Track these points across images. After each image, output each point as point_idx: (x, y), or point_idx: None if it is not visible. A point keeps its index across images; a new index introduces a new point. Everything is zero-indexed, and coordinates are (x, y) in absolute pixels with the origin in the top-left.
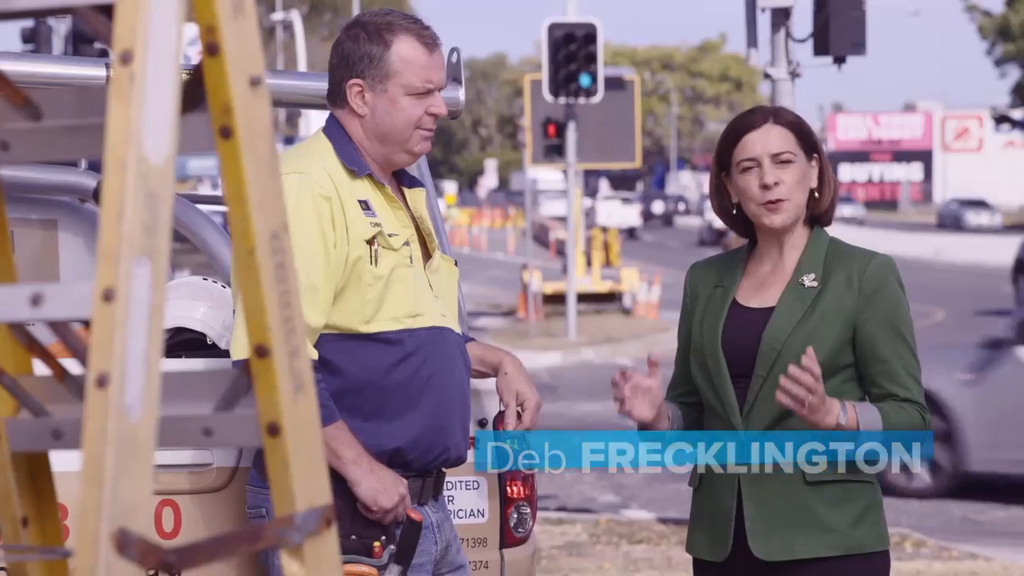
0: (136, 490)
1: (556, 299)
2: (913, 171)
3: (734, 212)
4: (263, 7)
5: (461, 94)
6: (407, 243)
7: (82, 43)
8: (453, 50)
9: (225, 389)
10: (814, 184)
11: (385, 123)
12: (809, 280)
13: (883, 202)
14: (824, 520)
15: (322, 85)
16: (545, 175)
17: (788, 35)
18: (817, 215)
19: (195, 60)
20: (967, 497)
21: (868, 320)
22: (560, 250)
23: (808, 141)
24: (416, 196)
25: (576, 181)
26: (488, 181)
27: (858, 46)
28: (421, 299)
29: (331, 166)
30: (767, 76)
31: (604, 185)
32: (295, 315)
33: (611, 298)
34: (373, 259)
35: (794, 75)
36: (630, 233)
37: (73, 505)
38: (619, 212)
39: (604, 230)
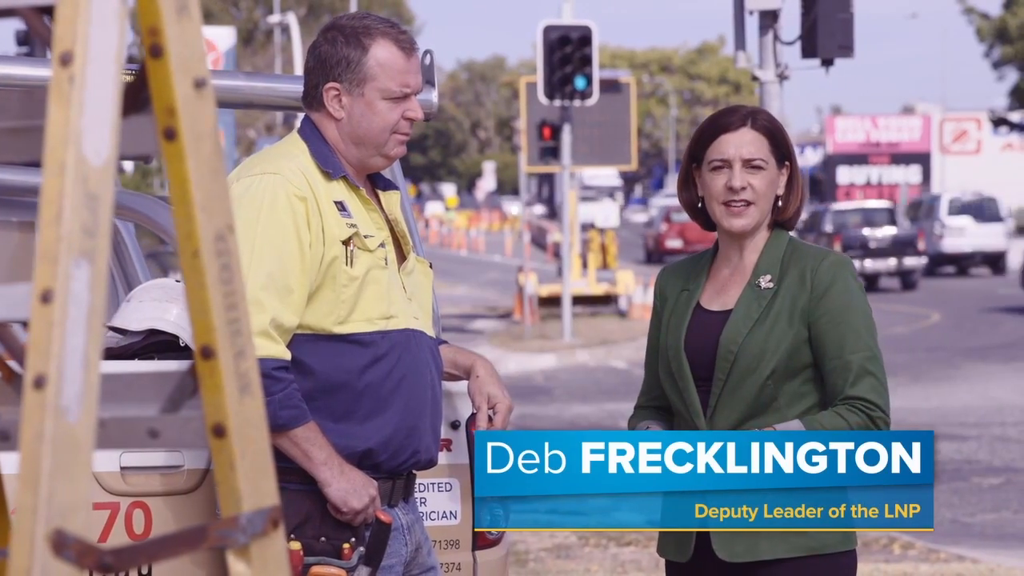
0: (73, 491)
1: (552, 301)
2: (911, 173)
3: (699, 205)
4: (261, 10)
5: (434, 96)
6: (382, 245)
7: None
8: (426, 52)
9: (171, 390)
10: (781, 191)
11: (362, 127)
12: (765, 282)
13: None
14: None
15: (297, 87)
16: (594, 171)
17: (776, 38)
18: (781, 221)
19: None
20: (958, 499)
21: (820, 318)
22: (557, 252)
23: (781, 148)
24: (390, 198)
25: (571, 184)
26: (486, 183)
27: (846, 48)
28: (395, 301)
29: (306, 167)
30: (755, 78)
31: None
32: (241, 316)
33: (607, 300)
34: (349, 260)
35: (782, 77)
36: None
37: None
38: (600, 212)
39: (601, 232)
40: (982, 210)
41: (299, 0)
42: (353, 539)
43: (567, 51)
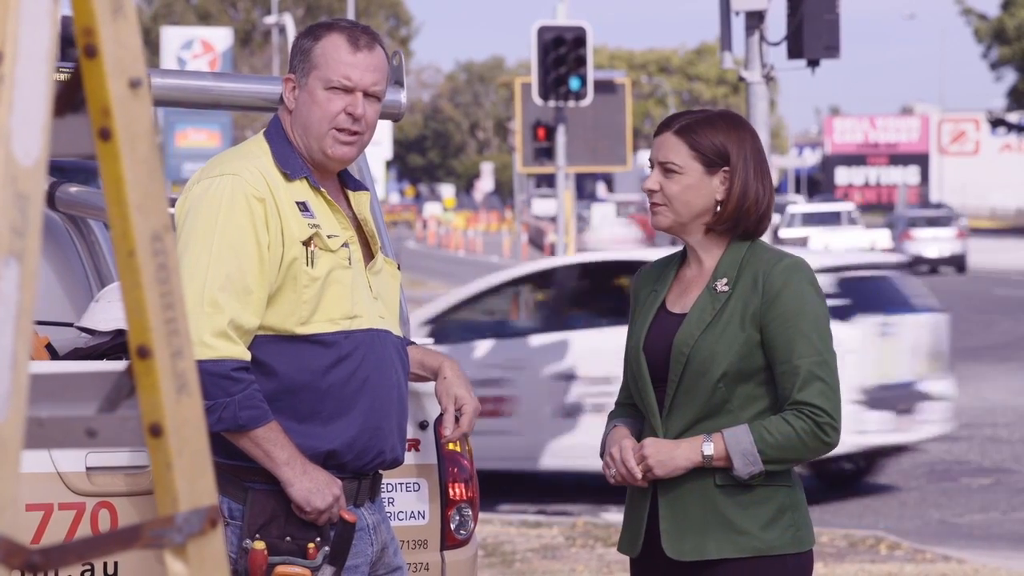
0: (1, 491)
1: None
2: (910, 174)
3: None
4: (259, 10)
5: (403, 97)
6: (346, 244)
7: (68, 46)
8: (395, 53)
9: (108, 390)
10: (720, 196)
11: (303, 115)
12: (721, 285)
13: (880, 205)
14: (734, 522)
15: (264, 87)
16: None
17: (762, 38)
18: (746, 229)
19: (190, 64)
20: (947, 500)
21: (772, 321)
22: (555, 253)
23: (709, 154)
24: (360, 199)
25: (567, 184)
26: (484, 184)
27: (832, 49)
28: (359, 301)
29: (266, 168)
30: (741, 79)
31: (601, 188)
32: (178, 316)
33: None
34: (309, 260)
35: (768, 78)
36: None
37: None
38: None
39: None
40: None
41: (297, 1)
42: (318, 539)
43: (561, 52)
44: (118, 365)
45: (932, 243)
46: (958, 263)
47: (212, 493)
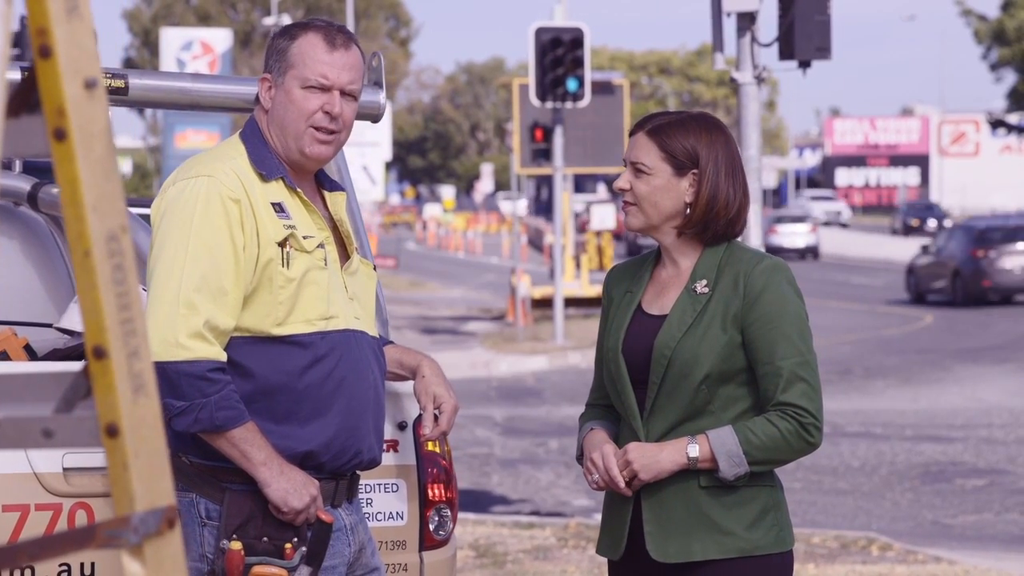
0: None
1: (546, 303)
2: (910, 175)
3: None
4: (258, 12)
5: (382, 98)
6: (321, 245)
7: None
8: (374, 55)
9: (65, 390)
10: (689, 199)
11: (279, 114)
12: (701, 287)
13: (880, 207)
14: (719, 523)
15: (243, 88)
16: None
17: (754, 39)
18: (721, 232)
19: (189, 66)
20: (941, 501)
21: (753, 323)
22: (552, 255)
23: (680, 157)
24: (336, 199)
25: (565, 186)
26: (484, 185)
27: (823, 51)
28: (335, 301)
29: (241, 169)
30: (733, 80)
31: (602, 189)
32: (135, 317)
33: (600, 302)
34: (285, 261)
35: (760, 80)
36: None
37: None
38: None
39: (598, 234)
40: None
41: (296, 2)
42: (295, 539)
43: (559, 53)
44: (75, 365)
45: (792, 236)
46: (814, 252)
47: (170, 494)
